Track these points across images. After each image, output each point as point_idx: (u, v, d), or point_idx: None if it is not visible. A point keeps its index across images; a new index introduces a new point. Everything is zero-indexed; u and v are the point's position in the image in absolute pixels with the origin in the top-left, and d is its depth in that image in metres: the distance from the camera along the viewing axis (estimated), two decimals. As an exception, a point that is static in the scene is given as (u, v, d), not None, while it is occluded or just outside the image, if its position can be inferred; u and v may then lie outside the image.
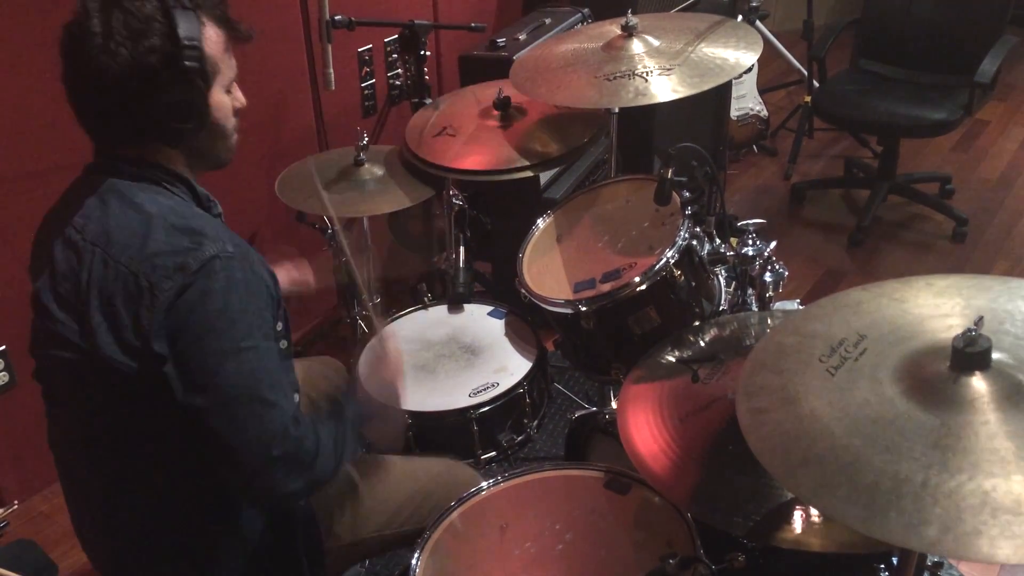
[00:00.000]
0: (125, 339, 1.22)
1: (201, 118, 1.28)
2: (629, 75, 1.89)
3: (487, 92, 2.29)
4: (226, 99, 1.34)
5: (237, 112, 1.38)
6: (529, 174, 2.10)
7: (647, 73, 1.87)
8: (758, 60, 1.98)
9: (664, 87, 1.83)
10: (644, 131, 3.15)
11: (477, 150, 2.16)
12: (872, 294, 1.22)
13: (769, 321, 1.71)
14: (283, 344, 1.36)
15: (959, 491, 0.92)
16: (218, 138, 1.35)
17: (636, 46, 1.98)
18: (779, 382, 1.14)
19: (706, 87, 1.83)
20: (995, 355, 1.03)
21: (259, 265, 1.31)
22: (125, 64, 1.21)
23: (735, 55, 1.91)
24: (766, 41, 4.23)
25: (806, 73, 4.06)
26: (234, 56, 1.35)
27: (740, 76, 3.84)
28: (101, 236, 1.26)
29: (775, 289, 1.80)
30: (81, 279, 1.25)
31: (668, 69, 1.87)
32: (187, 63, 1.22)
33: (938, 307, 1.16)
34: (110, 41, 1.20)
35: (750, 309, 1.82)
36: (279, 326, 1.35)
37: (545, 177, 2.83)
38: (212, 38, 1.29)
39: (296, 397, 1.39)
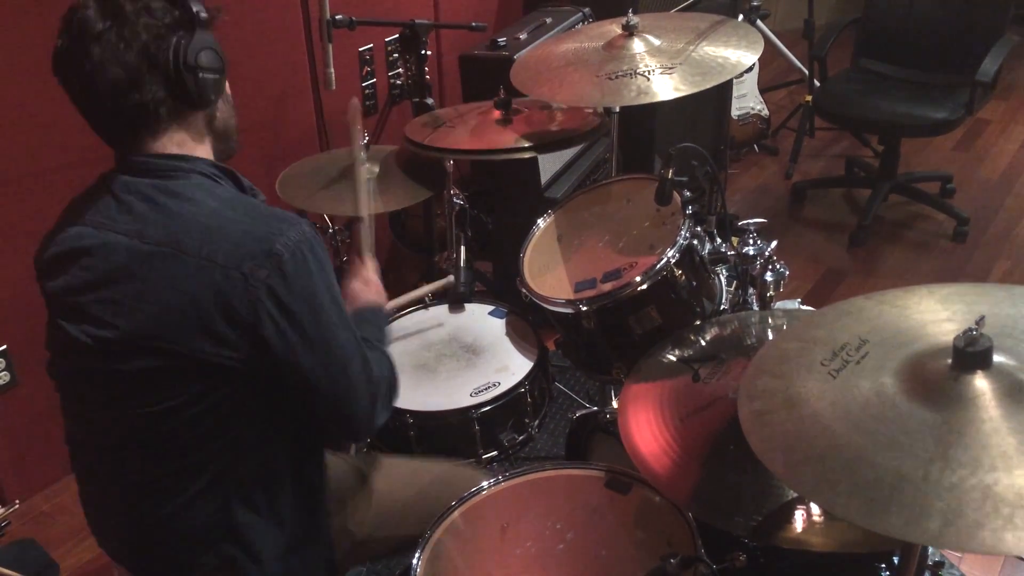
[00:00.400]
0: (215, 332, 1.22)
1: (224, 68, 1.31)
2: (631, 74, 1.89)
3: (486, 104, 2.30)
4: None
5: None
6: (530, 155, 2.10)
7: (649, 72, 1.87)
8: (759, 59, 1.98)
9: (667, 86, 1.83)
10: (645, 131, 3.16)
11: (477, 136, 2.17)
12: (874, 302, 1.23)
13: (770, 320, 1.72)
14: None
15: (961, 485, 0.93)
16: (230, 111, 1.38)
17: (637, 45, 1.97)
18: (780, 385, 1.14)
19: (708, 85, 1.83)
20: (997, 357, 1.04)
21: None
22: (148, 28, 1.23)
23: (736, 54, 1.91)
24: (767, 40, 4.23)
25: (807, 72, 4.07)
26: None
27: (741, 75, 3.84)
28: (168, 237, 1.24)
29: (776, 288, 1.80)
30: (151, 285, 1.24)
31: (670, 68, 1.87)
32: (201, 14, 1.26)
33: (939, 312, 1.17)
34: (124, 23, 1.22)
35: (751, 308, 1.83)
36: None
37: (546, 176, 2.83)
38: None
39: None
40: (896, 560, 1.41)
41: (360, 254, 1.72)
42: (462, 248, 2.24)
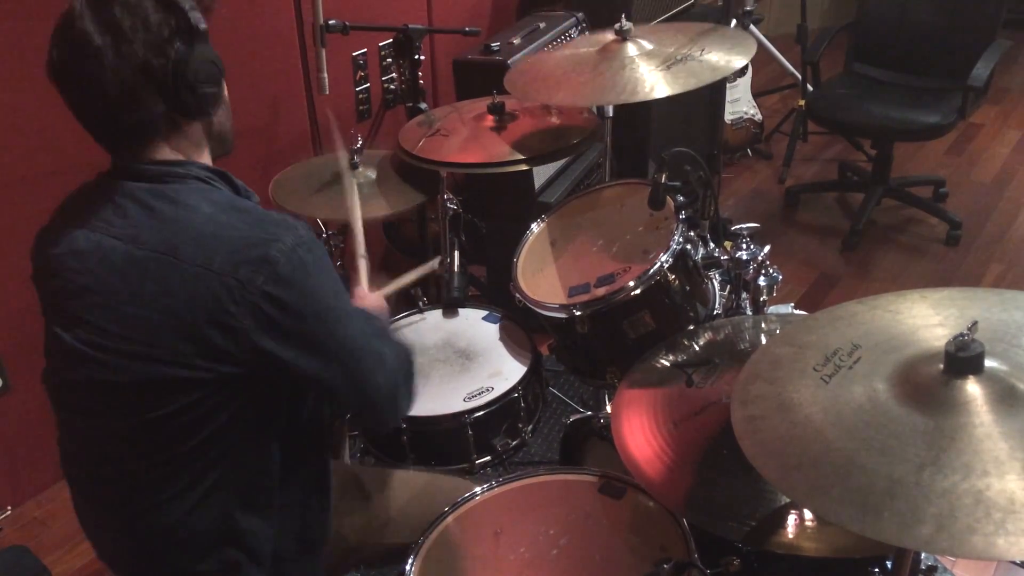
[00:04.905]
0: (209, 340, 1.21)
1: (222, 79, 1.30)
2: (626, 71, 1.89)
3: (480, 104, 2.30)
4: None
5: None
6: (523, 167, 2.10)
7: (644, 72, 1.88)
8: (752, 64, 1.99)
9: (660, 83, 1.84)
10: (639, 136, 3.16)
11: (471, 147, 2.17)
12: (867, 306, 1.23)
13: (763, 325, 1.72)
14: None
15: (953, 490, 0.93)
16: (227, 115, 1.37)
17: (631, 49, 1.98)
18: (773, 390, 1.14)
19: (701, 84, 1.84)
20: (989, 362, 1.04)
21: None
22: (147, 44, 1.20)
23: (727, 57, 1.91)
24: (760, 45, 4.25)
25: (800, 77, 4.07)
26: None
27: (734, 80, 3.85)
28: (164, 243, 1.23)
29: (769, 293, 1.80)
30: (146, 291, 1.23)
31: (666, 67, 1.87)
32: (200, 25, 1.24)
33: (932, 317, 1.17)
34: (121, 40, 1.19)
35: (744, 313, 1.83)
36: None
37: (540, 181, 2.83)
38: None
39: None
40: (889, 565, 1.41)
41: (354, 262, 1.72)
42: (456, 252, 2.25)
